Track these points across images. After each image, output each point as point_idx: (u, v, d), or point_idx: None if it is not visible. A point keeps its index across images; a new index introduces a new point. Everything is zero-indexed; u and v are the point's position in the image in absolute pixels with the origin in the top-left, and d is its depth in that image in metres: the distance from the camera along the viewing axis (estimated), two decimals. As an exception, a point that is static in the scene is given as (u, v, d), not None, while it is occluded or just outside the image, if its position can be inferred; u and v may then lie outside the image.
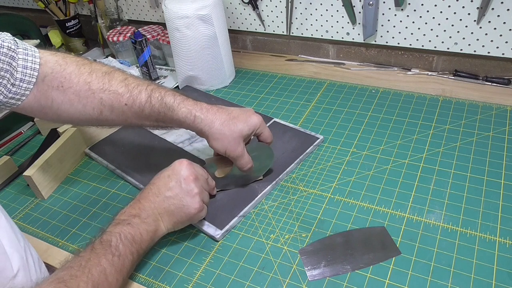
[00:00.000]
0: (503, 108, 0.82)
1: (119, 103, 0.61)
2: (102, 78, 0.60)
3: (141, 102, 0.61)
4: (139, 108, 0.61)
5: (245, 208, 0.66)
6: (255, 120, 0.64)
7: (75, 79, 0.59)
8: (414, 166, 0.72)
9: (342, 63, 1.04)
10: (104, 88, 0.60)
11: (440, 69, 0.95)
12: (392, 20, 0.92)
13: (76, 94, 0.60)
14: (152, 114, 0.62)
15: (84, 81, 0.60)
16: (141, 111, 0.61)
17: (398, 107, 0.86)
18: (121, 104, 0.61)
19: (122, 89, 0.61)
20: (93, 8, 1.17)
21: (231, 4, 1.08)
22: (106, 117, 0.62)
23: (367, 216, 0.64)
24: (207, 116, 0.61)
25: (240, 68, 1.08)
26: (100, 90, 0.60)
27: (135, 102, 0.61)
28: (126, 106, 0.61)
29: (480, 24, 0.85)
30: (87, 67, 0.61)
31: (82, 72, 0.60)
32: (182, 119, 0.61)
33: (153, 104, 0.61)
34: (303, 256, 0.59)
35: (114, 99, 0.60)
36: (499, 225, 0.60)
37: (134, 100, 0.61)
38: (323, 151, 0.77)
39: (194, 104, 0.62)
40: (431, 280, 0.54)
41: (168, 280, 0.59)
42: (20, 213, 0.73)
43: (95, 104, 0.60)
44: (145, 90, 0.61)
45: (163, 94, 0.61)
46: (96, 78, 0.60)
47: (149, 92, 0.61)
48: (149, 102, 0.61)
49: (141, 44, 1.01)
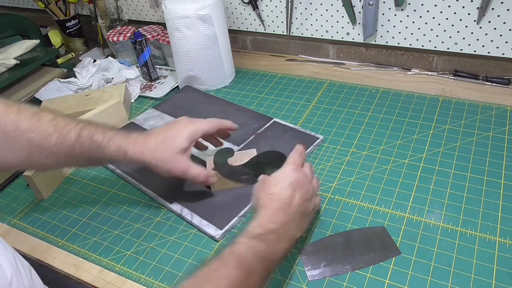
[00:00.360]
0: (503, 108, 0.82)
1: (48, 143, 0.58)
2: (30, 118, 0.58)
3: (70, 142, 0.58)
4: (69, 148, 0.59)
5: (245, 208, 0.66)
6: (187, 130, 0.62)
7: (2, 119, 0.56)
8: (414, 166, 0.72)
9: (342, 63, 1.04)
10: (32, 128, 0.57)
11: (440, 69, 0.95)
12: (392, 20, 0.92)
13: (4, 135, 0.56)
14: (83, 154, 0.59)
15: (12, 120, 0.57)
16: (71, 151, 0.59)
17: (398, 107, 0.86)
18: (50, 145, 0.58)
19: (51, 129, 0.58)
20: (93, 8, 1.17)
21: (231, 4, 1.08)
22: (36, 159, 0.59)
23: (367, 216, 0.64)
24: (136, 149, 0.60)
25: (240, 68, 1.08)
26: (29, 130, 0.57)
27: (64, 142, 0.58)
28: (55, 146, 0.58)
29: (480, 24, 0.85)
30: (14, 107, 0.58)
31: (9, 111, 0.57)
32: (114, 155, 0.60)
33: (82, 143, 0.59)
34: (303, 256, 0.59)
35: (43, 140, 0.58)
36: (499, 225, 0.60)
37: (64, 140, 0.58)
38: (323, 151, 0.77)
39: (123, 139, 0.60)
40: (431, 280, 0.54)
41: (168, 280, 0.59)
42: (20, 213, 0.73)
43: (23, 145, 0.57)
44: (74, 129, 0.59)
45: (92, 132, 0.60)
46: (24, 118, 0.57)
47: (78, 131, 0.59)
48: (78, 142, 0.59)
49: (141, 44, 1.01)
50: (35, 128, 0.57)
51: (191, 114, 0.90)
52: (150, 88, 1.04)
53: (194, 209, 0.67)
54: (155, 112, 0.93)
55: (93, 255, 0.64)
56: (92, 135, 0.59)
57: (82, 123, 0.61)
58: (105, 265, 0.62)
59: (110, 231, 0.67)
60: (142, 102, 1.00)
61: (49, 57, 1.09)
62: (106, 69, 1.07)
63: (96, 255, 0.64)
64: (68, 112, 0.90)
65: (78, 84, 1.03)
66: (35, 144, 0.57)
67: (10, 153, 0.58)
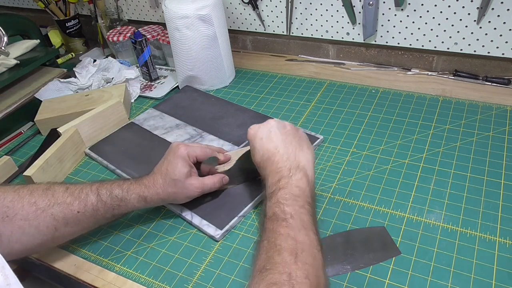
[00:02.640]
0: (503, 108, 0.82)
1: (72, 212, 0.58)
2: (45, 195, 0.58)
3: (93, 204, 0.59)
4: (93, 210, 0.59)
5: (245, 208, 0.66)
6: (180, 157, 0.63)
7: (18, 204, 0.56)
8: (414, 166, 0.72)
9: (342, 63, 1.04)
10: (51, 204, 0.58)
11: (440, 69, 0.95)
12: (392, 20, 0.92)
13: (25, 219, 0.56)
14: (107, 211, 0.61)
15: (29, 202, 0.57)
16: (95, 213, 0.60)
17: (398, 107, 0.86)
18: (73, 214, 0.58)
19: (69, 198, 0.59)
20: (93, 8, 1.17)
21: (231, 4, 1.08)
22: (63, 233, 0.59)
23: (367, 216, 0.64)
24: (152, 193, 0.62)
25: (240, 68, 1.08)
26: (48, 206, 0.57)
27: (86, 206, 0.59)
28: (79, 213, 0.59)
29: (480, 24, 0.85)
30: (25, 189, 0.58)
31: (22, 196, 0.57)
32: (137, 204, 0.62)
33: (104, 201, 0.60)
34: (303, 256, 0.59)
35: (66, 210, 0.58)
36: (499, 225, 0.60)
37: (85, 204, 0.59)
38: (323, 151, 0.77)
39: (139, 187, 0.62)
40: (431, 280, 0.54)
41: (168, 280, 0.59)
42: (20, 213, 0.73)
43: (47, 222, 0.57)
44: (91, 192, 0.60)
45: (109, 189, 0.61)
46: (39, 197, 0.58)
47: (95, 191, 0.60)
48: (100, 201, 0.60)
49: (141, 44, 1.01)
50: (54, 203, 0.58)
51: (191, 114, 0.91)
52: (150, 88, 1.04)
53: (194, 209, 0.67)
54: (155, 112, 0.93)
55: (93, 255, 0.64)
56: (111, 192, 0.61)
57: (96, 184, 0.62)
58: (105, 265, 0.62)
59: (110, 231, 0.67)
60: (142, 102, 1.00)
61: (49, 57, 1.09)
62: (106, 69, 1.07)
63: (96, 255, 0.64)
64: (68, 112, 0.90)
65: (78, 84, 1.03)
66: (59, 217, 0.58)
67: (35, 236, 0.57)
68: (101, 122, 0.87)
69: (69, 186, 0.61)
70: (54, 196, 0.58)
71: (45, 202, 0.57)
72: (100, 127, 0.87)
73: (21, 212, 0.56)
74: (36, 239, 0.57)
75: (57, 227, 0.58)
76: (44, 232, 0.57)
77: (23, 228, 0.56)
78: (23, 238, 0.56)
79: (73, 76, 1.05)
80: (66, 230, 0.59)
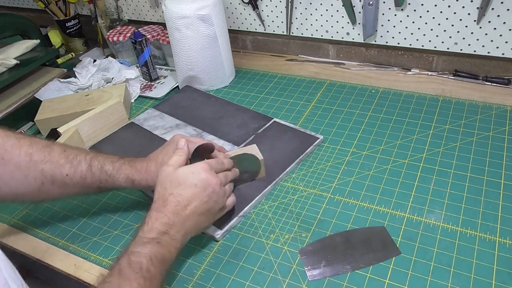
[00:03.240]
0: (503, 108, 0.82)
1: (61, 174, 0.61)
2: (42, 150, 0.61)
3: (82, 172, 0.61)
4: (81, 178, 0.61)
5: (245, 208, 0.66)
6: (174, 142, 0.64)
7: (16, 151, 0.60)
8: (414, 166, 0.72)
9: (342, 63, 1.04)
10: (45, 159, 0.60)
11: (440, 69, 0.95)
12: (392, 20, 0.92)
13: (17, 166, 0.59)
14: (94, 183, 0.62)
15: (26, 152, 0.60)
16: (83, 181, 0.62)
17: (398, 107, 0.86)
18: (62, 175, 0.61)
19: (62, 160, 0.61)
20: (93, 8, 1.17)
21: (231, 4, 1.08)
22: (47, 190, 0.62)
23: (367, 216, 0.64)
24: (142, 177, 0.62)
25: (240, 68, 1.08)
26: (42, 162, 0.60)
27: (76, 172, 0.61)
28: (67, 177, 0.61)
29: (480, 24, 0.85)
30: (26, 140, 0.61)
31: (22, 144, 0.60)
32: (124, 184, 0.63)
33: (93, 173, 0.62)
34: (303, 256, 0.59)
35: (55, 170, 0.60)
36: (499, 225, 0.60)
37: (75, 170, 0.61)
38: (323, 151, 0.77)
39: (130, 168, 0.63)
40: (431, 280, 0.54)
41: (168, 280, 0.59)
42: (20, 213, 0.73)
43: (36, 175, 0.60)
44: (84, 160, 0.62)
45: (102, 162, 0.62)
46: (37, 150, 0.61)
47: (88, 161, 0.62)
48: (90, 171, 0.61)
49: (141, 44, 1.01)
50: (47, 159, 0.60)
51: (191, 114, 0.91)
52: (150, 88, 1.04)
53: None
54: (155, 112, 0.93)
55: (93, 255, 0.64)
56: (102, 166, 0.62)
57: (91, 154, 0.64)
58: (105, 265, 0.62)
59: (110, 231, 0.67)
60: (142, 102, 1.00)
61: (49, 57, 1.09)
62: (106, 69, 1.07)
63: (96, 255, 0.64)
64: (68, 112, 0.90)
65: (78, 84, 1.03)
66: (48, 174, 0.60)
67: (23, 184, 0.60)
68: (101, 122, 0.87)
69: (67, 149, 0.63)
70: (50, 154, 0.61)
71: (40, 156, 0.60)
72: (100, 127, 0.87)
73: (16, 159, 0.59)
74: (23, 187, 0.60)
75: (44, 183, 0.61)
76: (31, 183, 0.60)
77: (13, 173, 0.59)
78: (11, 182, 0.60)
79: (73, 76, 1.05)
80: (51, 189, 0.62)
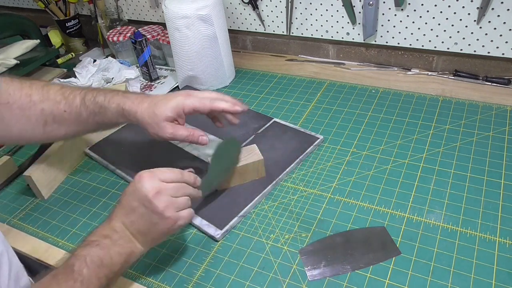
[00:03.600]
0: (503, 108, 0.82)
1: (58, 110, 0.63)
2: (41, 90, 0.63)
3: (77, 106, 0.63)
4: (77, 113, 0.63)
5: (245, 208, 0.66)
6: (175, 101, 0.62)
7: (18, 93, 0.62)
8: (414, 166, 0.72)
9: (342, 63, 1.04)
10: (43, 99, 0.63)
11: (440, 69, 0.95)
12: (392, 20, 0.92)
13: (21, 108, 0.62)
14: (89, 117, 0.64)
15: (26, 94, 0.63)
16: (79, 116, 0.63)
17: (398, 107, 0.86)
18: (60, 112, 0.63)
19: (59, 97, 0.63)
20: (93, 8, 1.17)
21: (231, 4, 1.08)
22: (51, 129, 0.64)
23: (367, 216, 0.64)
24: (132, 108, 0.62)
25: (240, 68, 1.08)
26: (40, 101, 0.63)
27: (72, 107, 0.63)
28: (65, 113, 0.63)
29: (480, 24, 0.85)
30: (27, 82, 0.64)
31: (23, 86, 0.63)
32: (115, 114, 0.63)
33: (87, 105, 0.63)
34: (303, 256, 0.59)
35: (53, 107, 0.63)
36: (499, 225, 0.60)
37: (71, 105, 0.63)
38: (323, 151, 0.77)
39: (122, 97, 0.63)
40: (431, 280, 0.54)
41: (168, 280, 0.59)
42: (20, 213, 0.73)
43: (37, 115, 0.63)
44: (79, 95, 0.64)
45: (95, 94, 0.64)
46: (36, 90, 0.63)
47: (82, 95, 0.64)
48: (84, 105, 0.63)
49: (141, 44, 1.01)
50: (45, 98, 0.63)
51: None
52: (150, 88, 1.04)
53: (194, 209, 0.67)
54: (155, 112, 0.93)
55: (93, 255, 0.64)
56: (95, 97, 0.64)
57: (86, 89, 0.65)
58: (105, 265, 0.62)
59: (110, 231, 0.67)
60: (142, 102, 1.00)
61: (49, 57, 1.09)
62: (106, 69, 1.07)
63: (96, 255, 0.64)
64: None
65: (78, 84, 1.03)
66: (48, 113, 0.63)
67: (27, 125, 0.63)
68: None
69: (64, 87, 0.65)
70: (48, 92, 0.64)
71: (38, 96, 0.63)
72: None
73: (19, 101, 0.62)
74: (29, 128, 0.64)
75: (47, 121, 0.64)
76: (34, 124, 0.63)
77: (18, 116, 0.62)
78: (18, 124, 0.63)
79: (73, 76, 1.05)
80: (55, 128, 0.64)
